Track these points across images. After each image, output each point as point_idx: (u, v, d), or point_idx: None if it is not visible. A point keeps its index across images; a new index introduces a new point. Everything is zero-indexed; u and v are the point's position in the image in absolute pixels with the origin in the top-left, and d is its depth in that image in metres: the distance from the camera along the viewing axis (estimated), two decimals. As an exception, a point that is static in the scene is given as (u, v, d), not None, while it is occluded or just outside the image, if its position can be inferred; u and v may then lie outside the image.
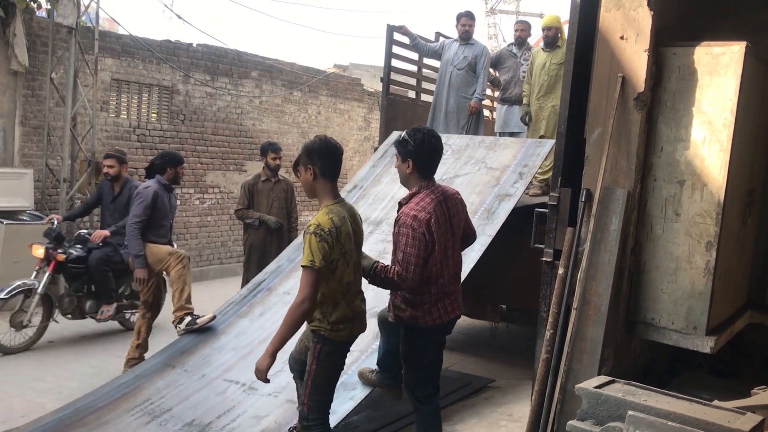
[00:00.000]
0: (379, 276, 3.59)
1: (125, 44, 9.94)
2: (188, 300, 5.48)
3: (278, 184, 7.29)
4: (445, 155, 4.85)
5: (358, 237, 3.58)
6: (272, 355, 3.37)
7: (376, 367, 4.20)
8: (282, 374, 4.22)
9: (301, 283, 3.30)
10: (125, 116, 10.19)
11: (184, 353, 5.06)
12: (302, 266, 3.30)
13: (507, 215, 5.38)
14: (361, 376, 4.30)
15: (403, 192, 3.82)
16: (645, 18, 3.87)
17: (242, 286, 6.76)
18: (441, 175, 3.88)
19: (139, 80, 10.18)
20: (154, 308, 5.81)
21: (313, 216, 3.49)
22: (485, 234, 5.18)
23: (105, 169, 6.82)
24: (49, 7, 8.68)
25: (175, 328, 5.40)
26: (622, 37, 3.95)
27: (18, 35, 8.30)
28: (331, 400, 3.62)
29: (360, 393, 4.25)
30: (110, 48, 9.72)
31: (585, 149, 4.11)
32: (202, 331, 5.24)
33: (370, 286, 3.71)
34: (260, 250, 7.00)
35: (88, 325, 7.63)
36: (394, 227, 3.61)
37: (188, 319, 5.31)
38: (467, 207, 3.95)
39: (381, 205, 6.03)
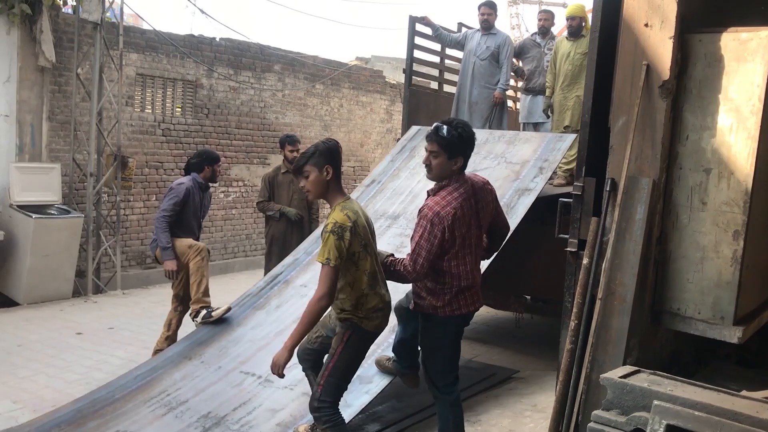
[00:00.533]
0: (389, 269, 3.66)
1: (149, 39, 10.03)
2: (206, 293, 5.52)
3: (299, 176, 7.30)
4: None
5: (371, 228, 3.70)
6: (291, 350, 3.45)
7: (393, 355, 4.21)
8: (298, 367, 4.26)
9: (320, 280, 3.41)
10: (150, 111, 10.29)
11: (200, 345, 5.08)
12: (319, 262, 3.42)
13: (526, 210, 5.32)
14: (379, 363, 4.32)
15: (422, 186, 3.79)
16: (670, 4, 3.82)
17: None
18: (459, 169, 3.90)
19: (163, 75, 10.28)
20: (185, 301, 5.86)
21: (330, 209, 3.61)
22: None
23: None
24: (74, 3, 8.80)
25: (192, 320, 5.46)
26: (646, 25, 3.91)
27: (45, 32, 8.42)
28: (345, 387, 3.68)
29: (375, 387, 4.25)
30: (135, 43, 9.82)
31: (609, 138, 4.08)
32: (219, 323, 5.27)
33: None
34: (281, 241, 7.04)
35: (117, 316, 7.76)
36: (417, 216, 3.62)
37: (204, 312, 5.35)
38: None
39: (399, 200, 6.01)
